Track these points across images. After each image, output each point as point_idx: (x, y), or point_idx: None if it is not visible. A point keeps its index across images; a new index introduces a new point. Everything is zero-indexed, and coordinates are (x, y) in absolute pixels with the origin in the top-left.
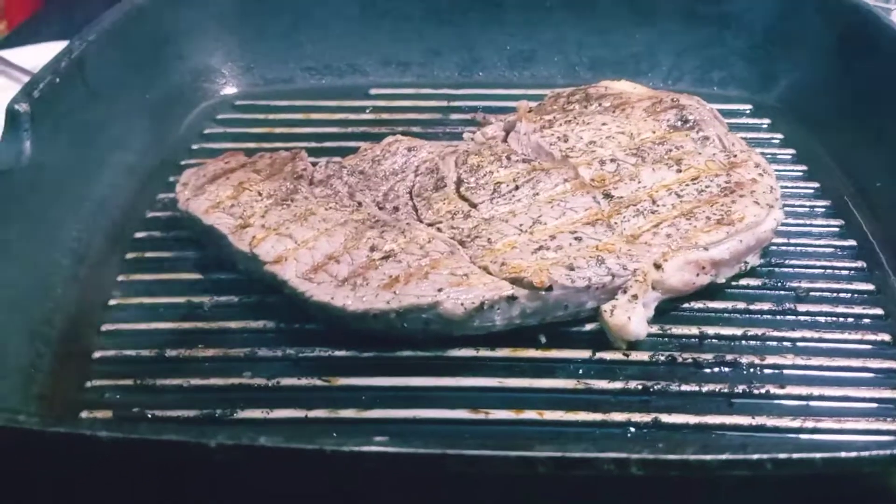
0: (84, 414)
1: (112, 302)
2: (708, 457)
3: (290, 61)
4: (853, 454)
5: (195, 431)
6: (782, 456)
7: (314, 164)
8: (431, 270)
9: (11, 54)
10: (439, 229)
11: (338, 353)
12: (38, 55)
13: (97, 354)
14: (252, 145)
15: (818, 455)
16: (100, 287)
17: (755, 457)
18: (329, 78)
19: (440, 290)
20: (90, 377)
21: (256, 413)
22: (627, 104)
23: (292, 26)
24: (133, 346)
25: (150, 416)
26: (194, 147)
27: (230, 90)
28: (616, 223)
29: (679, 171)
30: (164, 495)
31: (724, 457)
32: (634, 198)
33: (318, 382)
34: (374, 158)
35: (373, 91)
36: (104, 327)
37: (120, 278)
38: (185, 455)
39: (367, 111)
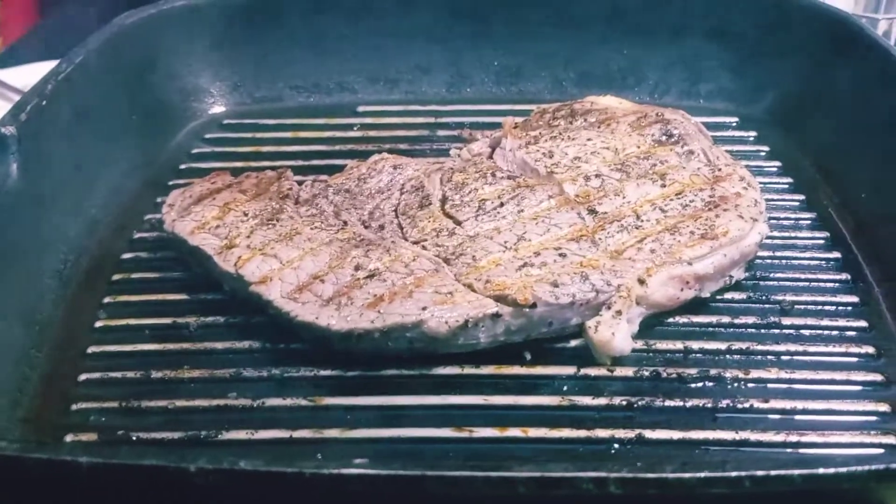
0: (69, 437)
1: (98, 324)
2: (686, 475)
3: (279, 80)
4: (831, 470)
5: (175, 456)
6: (760, 473)
7: (300, 183)
8: (416, 289)
9: (5, 74)
10: (424, 247)
11: (323, 372)
12: (31, 74)
13: (83, 377)
14: (240, 164)
15: (797, 472)
16: (86, 309)
17: (734, 474)
18: (317, 96)
19: (424, 308)
20: (76, 400)
21: (241, 434)
22: (612, 119)
23: (280, 45)
24: (118, 368)
25: (134, 438)
26: (182, 167)
27: (218, 109)
28: (600, 239)
29: (663, 185)
30: None
31: (702, 475)
32: (619, 213)
33: (303, 402)
34: (360, 177)
35: (361, 108)
36: (90, 349)
37: (106, 300)
38: (166, 479)
39: (355, 128)
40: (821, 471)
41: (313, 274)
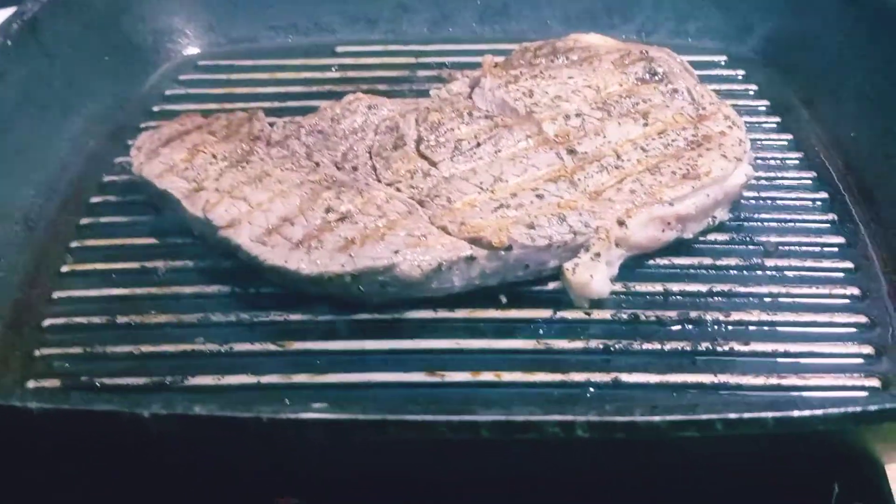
0: (31, 384)
1: (64, 269)
2: (656, 418)
3: (255, 20)
4: (806, 413)
5: (141, 401)
6: (732, 416)
7: (272, 125)
8: (388, 232)
9: None
10: (398, 189)
11: (293, 316)
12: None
13: (47, 322)
14: (215, 106)
15: (770, 414)
16: (53, 254)
17: (704, 417)
18: (294, 36)
19: (396, 251)
20: (39, 346)
21: (208, 380)
22: (595, 57)
23: None
24: (84, 313)
25: (98, 384)
26: (155, 109)
27: (193, 50)
28: (579, 180)
29: (646, 124)
30: (105, 466)
31: (672, 417)
32: (599, 153)
33: (272, 347)
34: (334, 117)
35: (339, 49)
36: (55, 294)
37: (73, 244)
38: (119, 426)
39: (334, 69)
40: (795, 413)
41: (283, 216)
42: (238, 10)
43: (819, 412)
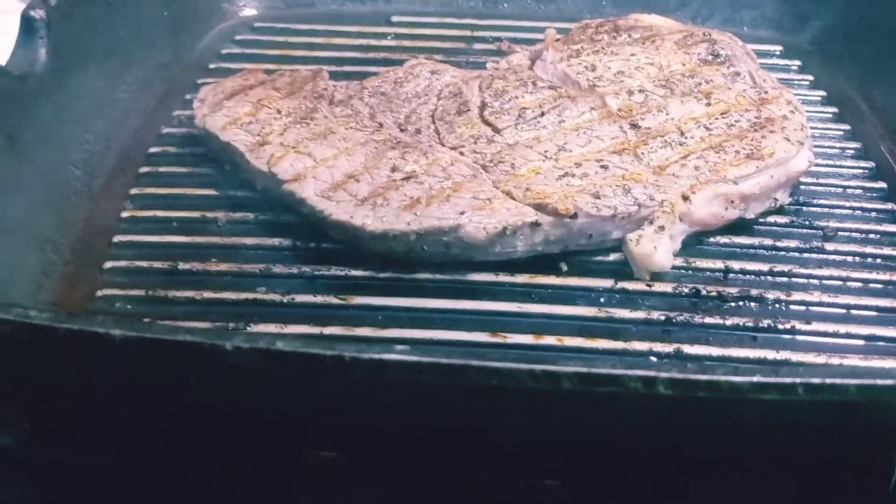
0: None
1: (125, 214)
2: (738, 378)
3: None
4: (889, 382)
5: (211, 334)
6: (815, 380)
7: (335, 84)
8: (454, 193)
9: None
10: (462, 153)
11: (354, 272)
12: None
13: (108, 265)
14: (271, 67)
15: (853, 381)
16: (113, 199)
17: (787, 380)
18: (351, 4)
19: (462, 213)
20: (101, 287)
21: (270, 328)
22: (658, 36)
23: None
24: (145, 258)
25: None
26: (211, 66)
27: (249, 12)
28: (643, 153)
29: (708, 104)
30: (176, 404)
31: (755, 379)
32: (662, 129)
33: (334, 300)
34: (397, 80)
35: (395, 18)
36: (116, 238)
37: (133, 191)
38: (200, 358)
39: (389, 38)
40: (879, 382)
41: (348, 173)
42: None
43: None
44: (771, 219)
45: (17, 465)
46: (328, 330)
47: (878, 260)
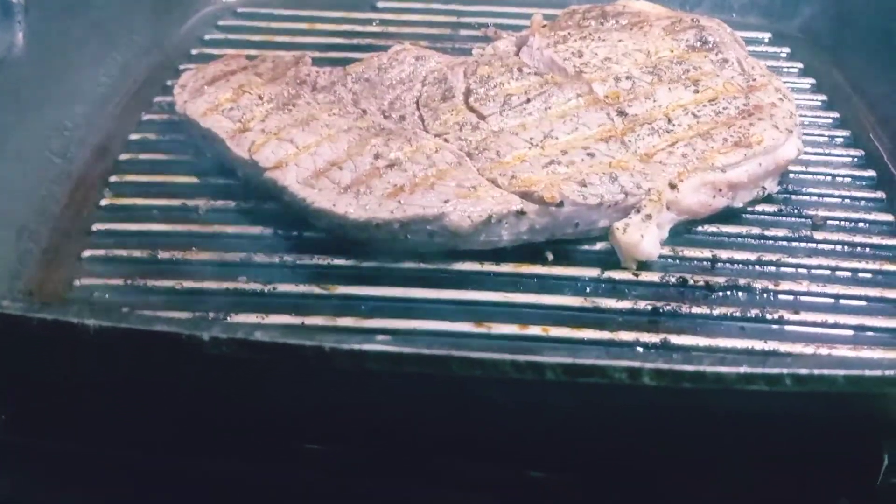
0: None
1: (104, 202)
2: (724, 368)
3: None
4: (878, 372)
5: (188, 324)
6: (803, 371)
7: (317, 70)
8: (438, 181)
9: None
10: (446, 140)
11: (337, 261)
12: None
13: (87, 253)
14: (253, 52)
15: (841, 372)
16: (91, 187)
17: (774, 371)
18: None
19: (447, 201)
20: (79, 276)
21: (251, 318)
22: (645, 22)
23: None
24: (124, 246)
25: (139, 316)
26: (193, 52)
27: None
28: (630, 141)
29: (696, 91)
30: (154, 394)
31: (741, 370)
32: (649, 116)
33: (316, 290)
34: (381, 66)
35: (380, 3)
36: (94, 227)
37: (113, 178)
38: (177, 348)
39: (374, 24)
40: (866, 372)
41: (331, 160)
42: None
43: (892, 373)
44: (759, 207)
45: None
46: (310, 320)
47: (867, 249)
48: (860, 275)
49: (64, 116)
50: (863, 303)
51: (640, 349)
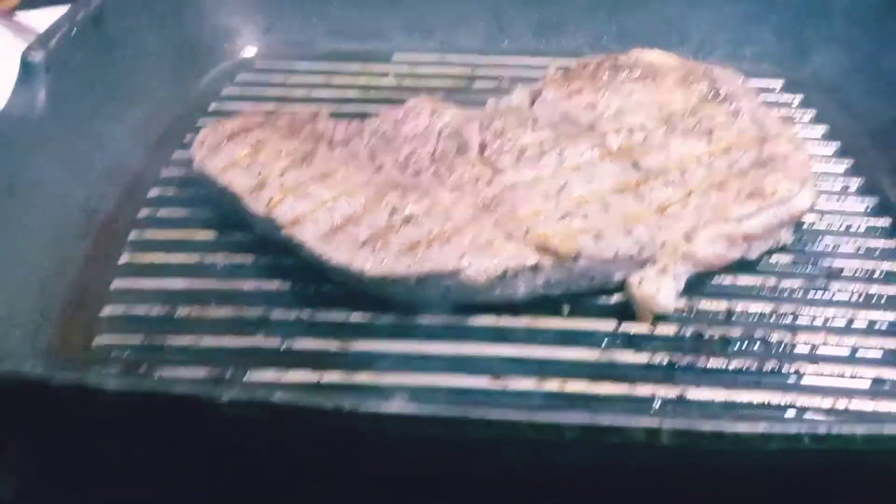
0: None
1: (123, 259)
2: (743, 428)
3: (313, 24)
4: None
5: (206, 385)
6: (822, 430)
7: (335, 125)
8: (454, 236)
9: (26, 16)
10: (462, 194)
11: (354, 316)
12: (53, 17)
13: (106, 312)
14: (271, 107)
15: (860, 429)
16: (111, 243)
17: (793, 430)
18: (351, 42)
19: (462, 256)
20: (98, 334)
21: (268, 375)
22: (658, 73)
23: None
24: (143, 303)
25: (157, 375)
26: (212, 108)
27: (250, 51)
28: (644, 193)
29: (710, 142)
30: (172, 456)
31: (759, 429)
32: (663, 168)
33: (334, 346)
34: (397, 120)
35: (395, 56)
36: (114, 285)
37: (132, 236)
38: (195, 411)
39: (390, 76)
40: (885, 430)
41: (348, 216)
42: (296, 13)
43: None
44: (774, 258)
45: None
46: (327, 376)
47: (884, 299)
48: (877, 325)
49: (85, 173)
50: (880, 354)
51: (658, 404)
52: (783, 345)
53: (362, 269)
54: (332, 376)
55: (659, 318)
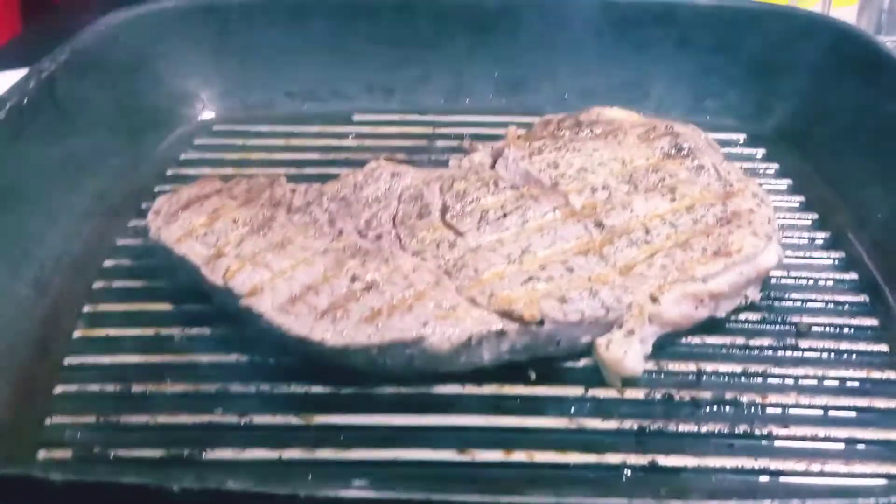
0: (42, 453)
1: (76, 334)
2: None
3: (271, 86)
4: (871, 501)
5: (158, 475)
6: (794, 502)
7: (293, 191)
8: (416, 302)
9: None
10: (424, 259)
11: (315, 389)
12: (5, 86)
13: (59, 390)
14: (230, 171)
15: (834, 501)
16: (64, 318)
17: (766, 502)
18: (311, 103)
19: (425, 324)
20: (50, 414)
21: (227, 453)
22: (620, 130)
23: (273, 50)
24: (97, 380)
25: (112, 455)
26: (169, 173)
27: (208, 115)
28: (608, 253)
29: (673, 199)
30: None
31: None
32: (627, 227)
33: (294, 420)
34: (356, 184)
35: (356, 117)
36: (67, 361)
37: (86, 309)
38: (146, 500)
39: (350, 137)
40: (860, 501)
41: (307, 285)
42: (254, 75)
43: (885, 500)
44: (742, 316)
45: None
46: (287, 453)
47: (854, 356)
48: (848, 384)
49: (37, 246)
50: (852, 414)
51: (628, 472)
52: (754, 406)
53: (322, 339)
54: (294, 453)
55: (627, 381)
